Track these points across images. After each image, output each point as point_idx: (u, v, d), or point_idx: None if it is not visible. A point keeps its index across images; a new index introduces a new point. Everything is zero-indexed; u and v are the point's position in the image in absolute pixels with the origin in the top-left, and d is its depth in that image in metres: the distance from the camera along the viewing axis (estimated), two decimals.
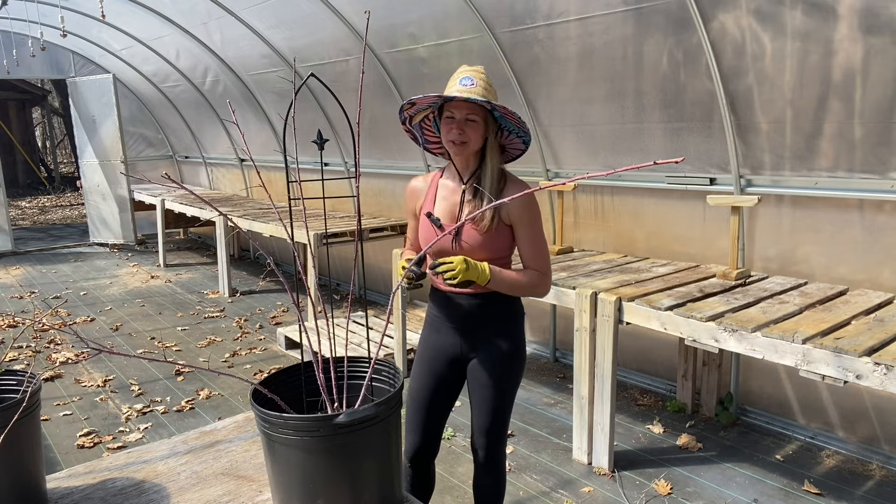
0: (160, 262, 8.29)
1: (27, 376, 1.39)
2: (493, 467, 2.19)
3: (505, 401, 2.11)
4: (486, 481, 2.21)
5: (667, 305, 2.86)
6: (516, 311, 2.11)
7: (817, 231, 3.25)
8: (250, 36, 6.04)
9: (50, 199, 16.06)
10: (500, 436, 2.15)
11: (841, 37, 2.86)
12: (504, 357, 2.08)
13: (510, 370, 2.09)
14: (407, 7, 4.50)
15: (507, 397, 2.11)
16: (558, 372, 4.45)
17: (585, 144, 4.13)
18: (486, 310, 2.06)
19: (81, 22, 7.53)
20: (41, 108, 20.01)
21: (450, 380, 2.17)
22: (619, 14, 3.51)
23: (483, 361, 2.09)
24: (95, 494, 1.46)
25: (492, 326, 2.07)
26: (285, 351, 5.01)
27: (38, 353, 5.05)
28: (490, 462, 2.18)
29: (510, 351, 2.08)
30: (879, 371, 2.19)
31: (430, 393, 2.16)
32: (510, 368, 2.09)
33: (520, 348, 2.12)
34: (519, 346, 2.11)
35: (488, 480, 2.20)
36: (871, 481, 3.02)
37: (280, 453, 1.17)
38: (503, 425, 2.15)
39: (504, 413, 2.13)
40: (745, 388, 3.66)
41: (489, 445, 2.15)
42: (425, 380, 2.17)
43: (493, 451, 2.16)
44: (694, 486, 3.03)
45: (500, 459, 2.19)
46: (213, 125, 8.35)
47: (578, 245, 4.33)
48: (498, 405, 2.10)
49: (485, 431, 2.13)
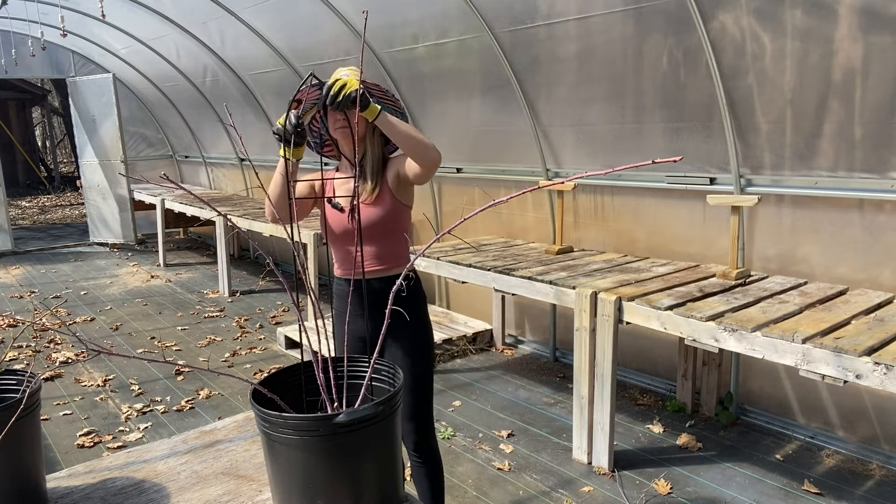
0: (160, 261, 8.29)
1: (27, 376, 1.39)
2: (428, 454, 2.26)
3: (425, 381, 2.21)
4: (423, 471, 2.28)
5: (667, 305, 2.86)
6: (416, 292, 2.22)
7: (817, 231, 3.25)
8: (250, 35, 6.04)
9: (50, 198, 16.06)
10: (429, 417, 2.24)
11: (841, 36, 2.86)
12: (415, 337, 2.19)
13: (422, 351, 2.20)
14: (407, 7, 4.50)
15: (426, 377, 2.21)
16: (558, 371, 4.46)
17: (585, 144, 4.14)
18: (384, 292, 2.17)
19: (81, 21, 7.53)
20: (41, 107, 20.01)
21: None
22: (618, 14, 3.51)
23: (395, 346, 2.19)
24: (95, 494, 1.46)
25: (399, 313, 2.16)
26: (285, 350, 5.01)
27: (37, 352, 5.05)
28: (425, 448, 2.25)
29: (419, 331, 2.20)
30: (879, 371, 2.19)
31: None
32: (422, 350, 2.20)
33: (427, 327, 2.23)
34: (426, 325, 2.23)
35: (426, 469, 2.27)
36: (871, 481, 3.02)
37: (280, 453, 1.17)
38: (428, 405, 2.23)
39: (427, 393, 2.22)
40: (745, 388, 3.66)
41: (419, 430, 2.22)
42: None
43: (424, 434, 2.23)
44: (694, 485, 3.03)
45: (434, 444, 2.27)
46: (212, 125, 8.35)
47: (578, 245, 4.33)
48: (419, 386, 2.20)
49: (412, 415, 2.20)
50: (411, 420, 2.21)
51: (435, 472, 2.30)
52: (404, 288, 2.14)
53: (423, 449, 2.25)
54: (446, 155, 5.11)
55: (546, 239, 4.51)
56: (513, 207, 4.74)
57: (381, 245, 2.16)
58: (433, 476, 2.29)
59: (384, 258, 2.17)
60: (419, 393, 2.21)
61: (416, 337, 2.20)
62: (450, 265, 3.96)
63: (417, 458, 2.27)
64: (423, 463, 2.27)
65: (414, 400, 2.20)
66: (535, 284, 3.46)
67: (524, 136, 4.41)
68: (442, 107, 4.92)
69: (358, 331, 2.24)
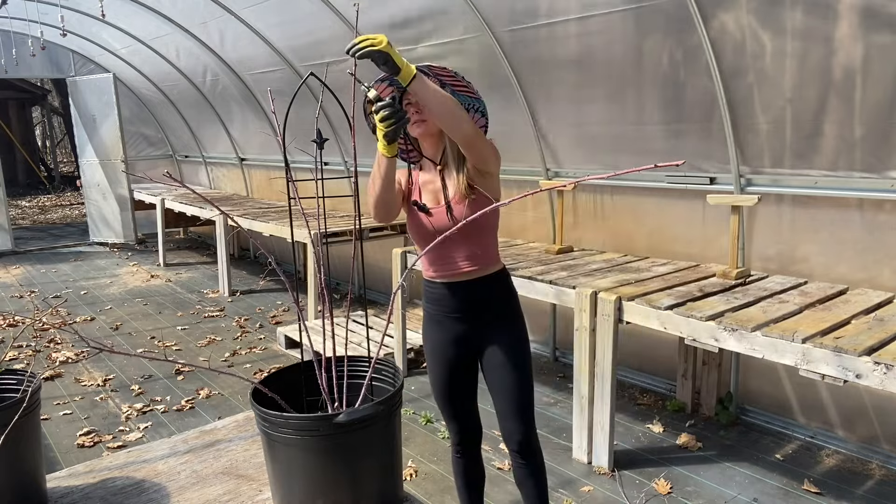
0: (160, 261, 8.29)
1: (27, 376, 1.40)
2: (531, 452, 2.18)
3: (528, 379, 2.13)
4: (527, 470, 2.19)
5: (666, 305, 2.86)
6: (511, 289, 2.16)
7: (817, 230, 3.25)
8: (250, 35, 6.04)
9: (50, 198, 16.05)
10: (532, 416, 2.15)
11: (841, 36, 2.86)
12: (514, 335, 2.12)
13: (523, 347, 2.13)
14: (407, 6, 4.50)
15: (527, 375, 2.13)
16: (558, 371, 4.46)
17: (585, 144, 4.13)
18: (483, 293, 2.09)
19: (81, 21, 7.53)
20: (41, 107, 20.01)
21: (463, 361, 2.17)
22: (618, 13, 3.51)
23: (495, 345, 2.11)
24: (95, 493, 1.46)
25: (493, 309, 2.10)
26: (285, 350, 5.01)
27: (38, 352, 5.05)
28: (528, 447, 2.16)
29: (518, 328, 2.13)
30: (879, 370, 2.19)
31: (449, 380, 2.18)
32: (522, 345, 2.13)
33: (524, 324, 2.17)
34: (523, 322, 2.16)
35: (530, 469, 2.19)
36: (871, 481, 3.02)
37: (280, 452, 1.17)
38: (531, 403, 2.15)
39: (530, 392, 2.14)
40: (745, 388, 3.66)
41: (524, 429, 2.13)
42: (440, 369, 2.18)
43: (528, 433, 2.15)
44: (694, 485, 3.03)
45: (536, 443, 2.19)
46: (212, 124, 8.35)
47: (578, 244, 4.33)
48: (523, 384, 2.12)
49: (516, 414, 2.12)
50: (516, 419, 2.12)
51: (539, 471, 2.21)
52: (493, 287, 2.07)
53: (526, 448, 2.16)
54: None
55: (546, 238, 4.51)
56: (512, 207, 4.73)
57: (473, 244, 2.06)
58: (538, 475, 2.21)
59: (478, 258, 2.07)
60: (523, 391, 2.12)
61: (517, 334, 2.13)
62: None
63: (520, 458, 2.18)
64: (527, 462, 2.19)
65: (518, 398, 2.11)
66: (535, 284, 3.46)
67: (524, 136, 4.41)
68: None
69: (454, 334, 2.14)
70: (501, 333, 2.11)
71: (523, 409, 2.12)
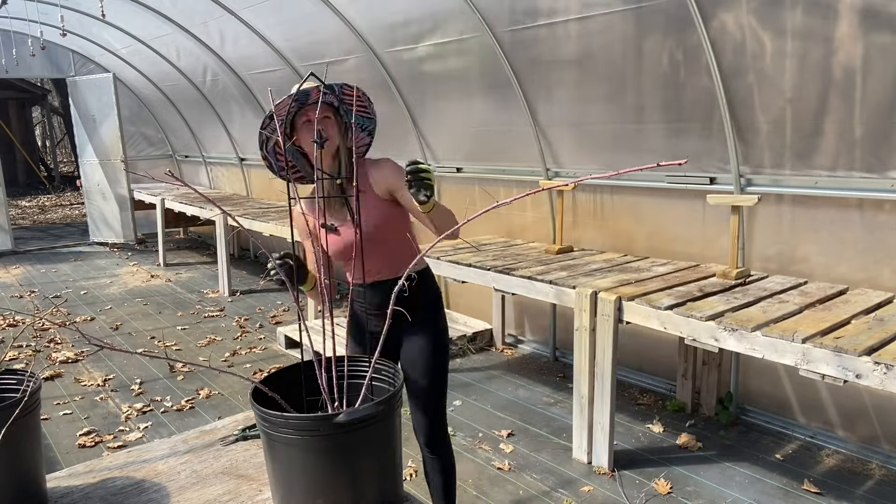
0: (160, 261, 8.29)
1: (27, 375, 1.39)
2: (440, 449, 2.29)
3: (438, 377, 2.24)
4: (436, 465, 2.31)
5: (666, 305, 2.86)
6: (430, 288, 2.26)
7: (817, 230, 3.25)
8: (250, 35, 6.04)
9: (50, 198, 16.05)
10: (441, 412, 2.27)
11: (841, 35, 2.86)
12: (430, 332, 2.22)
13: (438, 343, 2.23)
14: (407, 6, 4.50)
15: (441, 373, 2.24)
16: (558, 371, 4.46)
17: (585, 143, 4.13)
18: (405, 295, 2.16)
19: (81, 21, 7.52)
20: (41, 107, 20.01)
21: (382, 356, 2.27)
22: (618, 13, 3.51)
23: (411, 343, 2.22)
24: (95, 493, 1.46)
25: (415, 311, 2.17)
26: (285, 350, 5.01)
27: (38, 352, 5.05)
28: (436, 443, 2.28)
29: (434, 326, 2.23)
30: (879, 370, 2.19)
31: None
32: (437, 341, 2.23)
33: (441, 323, 2.26)
34: (441, 320, 2.26)
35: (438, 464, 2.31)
36: (871, 480, 3.02)
37: (280, 452, 1.17)
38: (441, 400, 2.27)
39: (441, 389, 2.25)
40: (745, 388, 3.66)
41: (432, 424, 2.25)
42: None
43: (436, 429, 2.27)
44: (694, 485, 3.03)
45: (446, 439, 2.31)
46: (212, 124, 8.35)
47: (578, 244, 4.33)
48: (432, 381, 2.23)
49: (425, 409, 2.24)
50: (424, 414, 2.25)
51: (446, 467, 2.32)
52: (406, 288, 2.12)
53: (434, 444, 2.28)
54: (447, 154, 5.11)
55: (545, 238, 4.51)
56: (512, 207, 4.73)
57: (385, 249, 2.14)
58: (445, 471, 2.32)
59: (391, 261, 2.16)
60: (433, 388, 2.23)
61: (432, 332, 2.23)
62: (449, 265, 3.96)
63: (429, 452, 2.30)
64: (436, 457, 2.30)
65: (427, 394, 2.23)
66: (535, 284, 3.46)
67: (524, 136, 4.41)
68: (442, 106, 4.92)
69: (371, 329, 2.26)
70: (417, 332, 2.22)
71: (431, 405, 2.25)
